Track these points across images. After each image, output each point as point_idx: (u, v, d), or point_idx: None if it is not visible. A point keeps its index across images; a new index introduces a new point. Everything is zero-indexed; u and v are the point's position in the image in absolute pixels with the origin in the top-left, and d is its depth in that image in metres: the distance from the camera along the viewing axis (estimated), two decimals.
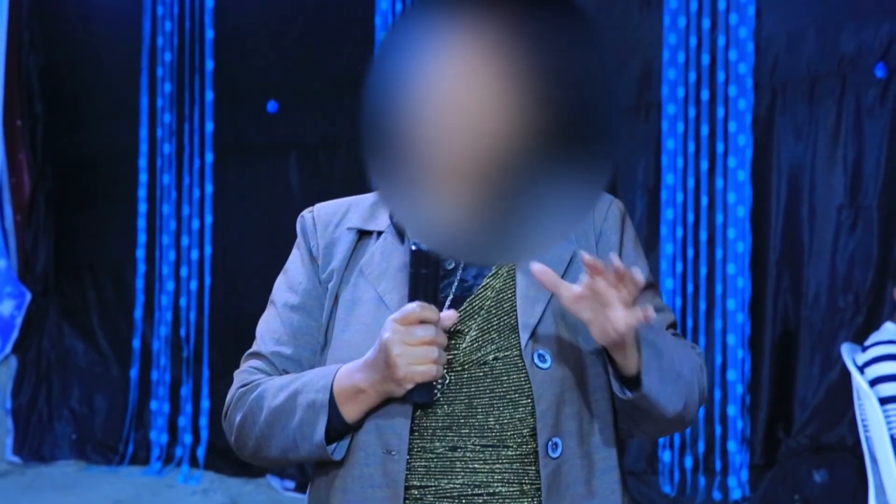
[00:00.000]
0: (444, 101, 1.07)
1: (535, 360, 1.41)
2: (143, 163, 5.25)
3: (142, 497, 4.80)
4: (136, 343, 5.25)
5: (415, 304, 1.34)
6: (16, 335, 5.50)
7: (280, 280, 1.57)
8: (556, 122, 1.06)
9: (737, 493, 4.19)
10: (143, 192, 5.25)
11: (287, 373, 1.49)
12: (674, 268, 4.30)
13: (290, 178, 5.05)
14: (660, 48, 4.35)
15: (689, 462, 4.29)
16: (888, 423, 3.11)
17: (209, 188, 5.15)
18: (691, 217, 4.31)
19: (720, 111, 4.27)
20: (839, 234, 4.17)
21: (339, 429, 1.41)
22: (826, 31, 4.16)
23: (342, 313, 1.48)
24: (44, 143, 5.55)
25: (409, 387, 1.35)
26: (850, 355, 3.33)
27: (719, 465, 4.24)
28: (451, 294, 1.45)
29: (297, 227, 1.58)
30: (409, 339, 1.32)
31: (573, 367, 1.41)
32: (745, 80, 4.22)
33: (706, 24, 4.29)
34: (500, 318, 1.44)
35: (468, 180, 1.09)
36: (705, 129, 4.29)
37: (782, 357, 4.25)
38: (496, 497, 1.39)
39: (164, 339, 5.18)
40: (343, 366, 1.41)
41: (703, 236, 4.30)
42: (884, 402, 3.13)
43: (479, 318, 1.44)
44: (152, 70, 5.20)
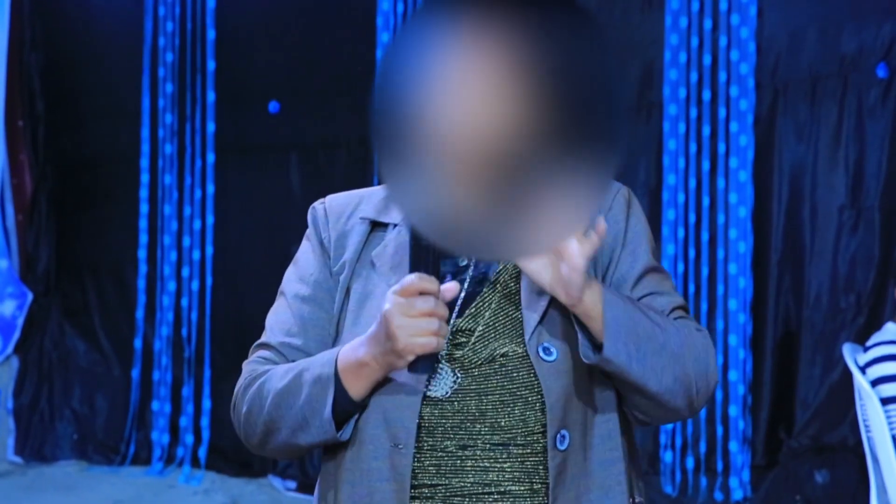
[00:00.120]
0: (454, 98, 1.09)
1: (541, 353, 1.41)
2: (145, 163, 5.25)
3: (143, 497, 4.80)
4: (138, 343, 5.25)
5: (414, 276, 1.33)
6: (17, 335, 5.50)
7: (290, 271, 1.57)
8: (563, 118, 1.08)
9: (738, 494, 4.19)
10: (144, 193, 5.25)
11: None
12: (675, 268, 4.30)
13: (291, 179, 5.06)
14: (661, 48, 4.34)
15: (690, 462, 4.29)
16: (890, 424, 3.11)
17: (210, 188, 5.15)
18: (693, 217, 4.31)
19: (722, 111, 4.27)
20: (841, 235, 4.16)
21: (345, 407, 1.40)
22: (827, 31, 4.16)
23: (353, 305, 1.48)
24: (45, 143, 5.56)
25: (410, 358, 1.34)
26: (851, 356, 3.33)
27: (721, 466, 4.24)
28: (463, 290, 1.45)
29: (309, 217, 1.58)
30: (410, 311, 1.32)
31: (578, 359, 1.40)
32: (746, 81, 4.22)
33: (708, 24, 4.28)
34: (507, 315, 1.45)
35: (477, 176, 1.10)
36: (707, 130, 4.29)
37: (784, 357, 4.25)
38: (507, 496, 1.40)
39: (165, 339, 5.18)
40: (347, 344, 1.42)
41: (705, 237, 4.29)
42: (885, 402, 3.13)
43: (487, 315, 1.45)
44: (154, 70, 5.20)
